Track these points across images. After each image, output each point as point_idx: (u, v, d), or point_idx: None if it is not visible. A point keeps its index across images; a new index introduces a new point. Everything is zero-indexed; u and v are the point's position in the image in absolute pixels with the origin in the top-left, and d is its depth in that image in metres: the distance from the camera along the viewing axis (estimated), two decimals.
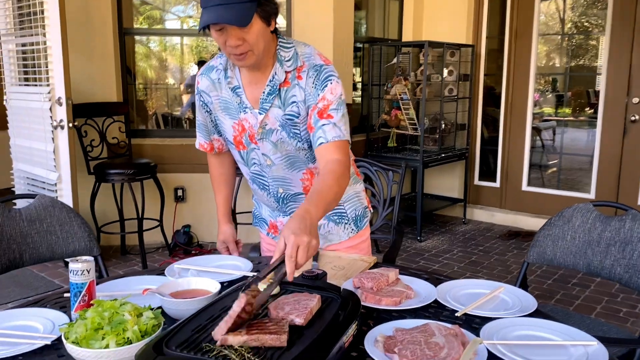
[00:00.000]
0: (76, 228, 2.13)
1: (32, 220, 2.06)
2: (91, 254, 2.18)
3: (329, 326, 1.16)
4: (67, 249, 2.11)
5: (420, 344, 1.17)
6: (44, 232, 2.08)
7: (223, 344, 1.06)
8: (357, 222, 1.86)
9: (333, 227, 1.84)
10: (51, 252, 2.08)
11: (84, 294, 1.30)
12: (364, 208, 1.89)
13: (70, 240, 2.12)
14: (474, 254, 4.46)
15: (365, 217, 1.89)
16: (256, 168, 1.76)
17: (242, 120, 1.67)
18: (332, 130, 1.57)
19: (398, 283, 1.55)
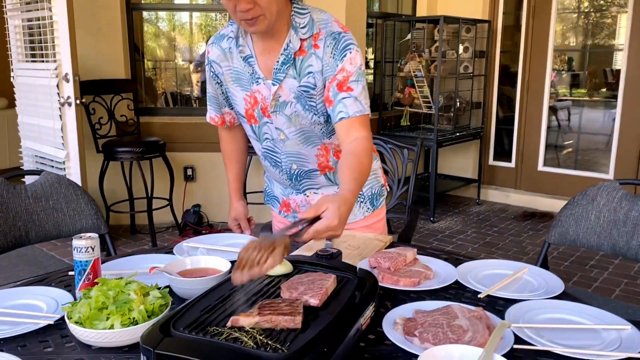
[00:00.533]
0: (83, 205, 2.08)
1: (37, 197, 2.01)
2: (99, 232, 2.13)
3: (345, 307, 1.09)
4: (74, 226, 2.06)
5: (443, 327, 1.11)
6: (50, 209, 2.03)
7: (234, 325, 1.00)
8: (373, 201, 1.79)
9: None
10: (58, 229, 2.03)
11: (89, 272, 1.24)
12: (381, 186, 1.82)
13: (77, 218, 2.07)
14: (488, 235, 4.38)
15: (382, 195, 1.82)
16: (269, 143, 1.68)
17: (255, 92, 1.59)
18: (354, 105, 1.49)
19: (416, 263, 1.48)
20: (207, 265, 1.36)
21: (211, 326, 0.99)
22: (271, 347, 0.93)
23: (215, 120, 1.80)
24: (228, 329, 0.99)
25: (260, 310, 1.02)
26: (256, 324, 0.99)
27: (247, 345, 0.93)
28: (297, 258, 1.33)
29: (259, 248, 1.07)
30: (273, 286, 1.18)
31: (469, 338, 1.06)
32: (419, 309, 1.21)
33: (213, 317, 1.03)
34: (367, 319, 1.13)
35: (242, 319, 1.00)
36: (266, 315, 1.00)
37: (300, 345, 0.93)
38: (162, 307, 1.12)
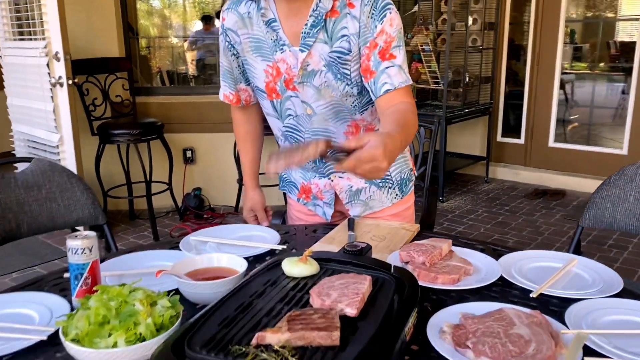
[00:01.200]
0: (79, 194, 1.91)
1: (29, 187, 1.84)
2: (96, 223, 1.97)
3: (386, 316, 0.93)
4: (69, 217, 1.89)
5: (500, 337, 0.95)
6: (43, 199, 1.86)
7: (260, 343, 0.84)
8: (402, 187, 1.62)
9: (375, 192, 1.60)
10: (52, 221, 1.87)
11: (86, 277, 1.08)
12: (410, 171, 1.65)
13: (72, 208, 1.90)
14: (500, 215, 4.23)
15: (411, 180, 1.66)
16: (291, 121, 1.51)
17: (278, 62, 1.41)
18: (398, 75, 1.34)
19: (453, 256, 1.33)
20: (220, 264, 1.20)
21: (233, 344, 0.84)
22: None
23: (229, 98, 1.62)
24: (253, 348, 0.83)
25: (291, 325, 0.86)
26: (286, 341, 0.84)
27: None
28: (323, 255, 1.17)
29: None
30: (299, 290, 1.02)
31: (534, 351, 0.91)
32: (466, 312, 1.06)
33: (234, 333, 0.87)
34: (410, 328, 0.97)
35: (270, 336, 0.84)
36: (298, 330, 0.85)
37: None
38: (173, 319, 0.96)
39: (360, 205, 1.60)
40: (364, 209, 1.61)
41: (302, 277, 1.08)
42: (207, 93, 3.84)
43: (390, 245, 1.44)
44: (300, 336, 0.84)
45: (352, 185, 1.58)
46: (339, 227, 1.57)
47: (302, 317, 0.89)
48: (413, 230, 1.55)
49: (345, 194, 1.59)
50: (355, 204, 1.60)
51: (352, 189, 1.59)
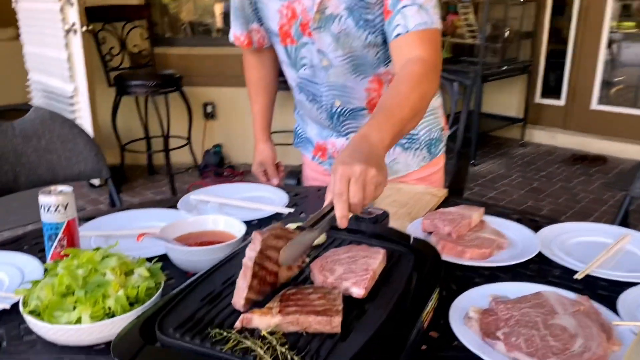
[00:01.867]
0: (81, 146, 1.79)
1: (27, 137, 1.73)
2: (99, 176, 1.85)
3: (401, 298, 0.78)
4: (70, 170, 1.78)
5: (538, 328, 0.79)
6: (42, 150, 1.74)
7: (245, 327, 0.70)
8: (431, 148, 1.44)
9: (400, 154, 1.42)
10: (52, 174, 1.76)
11: (61, 238, 0.95)
12: (440, 130, 1.46)
13: (74, 161, 1.78)
14: (534, 180, 4.00)
15: (441, 141, 1.47)
16: (307, 71, 1.33)
17: (294, 2, 1.23)
18: (417, 15, 1.12)
19: (484, 227, 1.16)
20: (216, 227, 1.06)
21: (213, 327, 0.70)
22: None
23: (240, 39, 1.44)
24: (236, 332, 0.69)
25: (283, 306, 0.71)
26: (277, 326, 0.69)
27: None
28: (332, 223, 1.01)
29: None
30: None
31: (581, 348, 0.74)
32: (498, 295, 0.90)
33: (217, 312, 0.73)
34: (430, 311, 0.82)
35: (257, 319, 0.70)
36: (291, 314, 0.70)
37: None
38: (151, 292, 0.82)
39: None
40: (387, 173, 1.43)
41: None
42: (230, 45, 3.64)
43: (412, 213, 1.27)
44: (294, 320, 0.69)
45: None
46: None
47: (298, 297, 0.74)
48: (440, 195, 1.37)
49: None
50: None
51: None
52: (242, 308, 0.70)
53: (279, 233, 0.75)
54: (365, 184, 0.81)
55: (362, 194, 0.80)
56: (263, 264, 0.72)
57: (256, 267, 0.71)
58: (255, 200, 1.32)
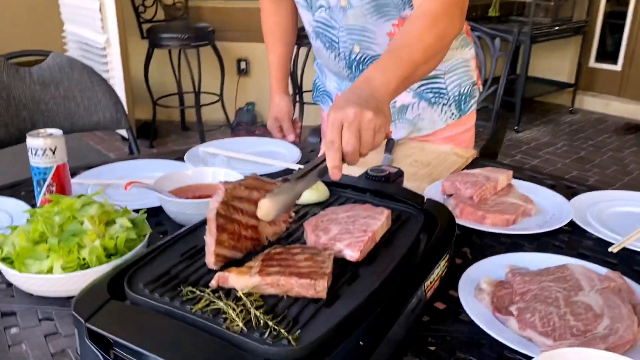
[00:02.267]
0: (100, 95, 1.75)
1: (45, 84, 1.69)
2: (119, 127, 1.81)
3: (401, 264, 0.69)
4: (89, 119, 1.75)
5: (558, 304, 0.69)
6: (60, 98, 1.71)
7: (221, 286, 0.63)
8: (461, 104, 1.32)
9: (425, 110, 1.30)
10: (70, 122, 1.73)
11: (50, 184, 0.90)
12: (472, 84, 1.33)
13: (92, 110, 1.75)
14: (582, 149, 3.77)
15: (473, 97, 1.34)
16: (323, 14, 1.22)
17: None
18: None
19: (511, 192, 1.05)
20: (215, 180, 0.99)
21: (186, 284, 0.63)
22: (270, 334, 0.56)
23: None
24: (210, 291, 0.62)
25: (264, 266, 0.64)
26: (255, 287, 0.62)
27: (231, 326, 0.56)
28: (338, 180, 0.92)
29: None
30: (296, 221, 0.79)
31: (606, 330, 0.64)
32: (516, 266, 0.80)
33: (194, 269, 0.67)
34: (435, 280, 0.73)
35: (234, 278, 0.63)
36: (272, 274, 0.62)
37: (320, 333, 0.55)
38: (132, 244, 0.76)
39: (406, 126, 1.32)
40: (411, 131, 1.33)
41: (303, 205, 0.85)
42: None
43: (433, 174, 1.17)
44: (274, 282, 0.62)
45: (395, 100, 1.30)
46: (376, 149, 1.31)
47: (283, 257, 0.66)
48: (467, 157, 1.26)
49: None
50: (399, 123, 1.32)
51: (396, 105, 1.30)
52: (214, 266, 0.63)
53: (253, 184, 0.67)
54: (361, 129, 0.72)
55: (356, 140, 0.71)
56: (232, 216, 0.65)
57: (221, 219, 0.64)
58: (267, 155, 1.24)
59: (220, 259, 0.62)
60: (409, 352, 0.66)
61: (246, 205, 0.65)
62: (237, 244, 0.63)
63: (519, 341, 0.66)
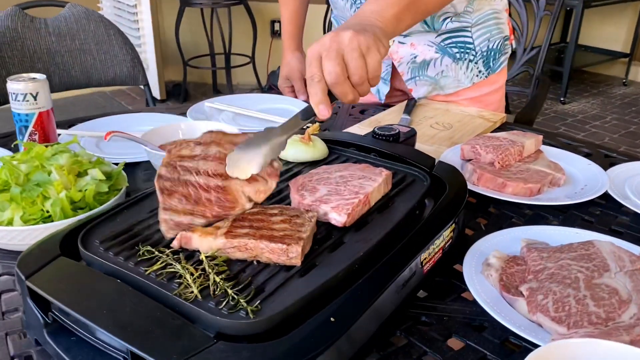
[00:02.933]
0: (117, 49, 1.69)
1: (61, 35, 1.65)
2: (136, 83, 1.76)
3: (395, 232, 0.60)
4: (105, 74, 1.70)
5: (577, 287, 0.59)
6: (76, 50, 1.66)
7: (183, 247, 0.56)
8: (490, 61, 1.19)
9: (450, 66, 1.18)
10: (86, 76, 1.68)
11: (32, 131, 0.85)
12: (504, 39, 1.20)
13: (109, 64, 1.70)
14: (632, 124, 3.53)
15: (504, 53, 1.21)
16: None
17: None
18: None
19: (539, 158, 0.93)
20: None
21: (144, 243, 0.56)
22: (228, 304, 0.48)
23: None
24: (170, 252, 0.55)
25: (233, 227, 0.56)
26: (220, 250, 0.54)
27: (184, 292, 0.49)
28: (339, 137, 0.83)
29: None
30: (285, 181, 0.71)
31: (632, 319, 0.54)
32: (534, 240, 0.70)
33: (158, 228, 0.59)
34: (436, 252, 0.64)
35: (197, 239, 0.55)
36: (239, 237, 0.54)
37: (284, 305, 0.48)
38: (104, 197, 0.70)
39: (428, 84, 1.21)
40: (432, 89, 1.21)
41: (297, 163, 0.77)
42: None
43: (454, 137, 1.06)
44: (241, 245, 0.54)
45: (416, 55, 1.18)
46: (394, 109, 1.20)
47: (257, 218, 0.58)
48: (494, 120, 1.15)
49: (406, 66, 1.20)
50: (420, 81, 1.21)
51: (416, 60, 1.19)
52: (167, 234, 0.55)
53: (210, 138, 0.59)
54: (343, 53, 0.62)
55: (340, 68, 0.61)
56: (182, 178, 0.57)
57: (167, 182, 0.56)
58: (277, 112, 1.16)
59: (171, 227, 0.54)
60: (397, 331, 0.57)
61: (202, 164, 0.57)
62: (196, 208, 0.55)
63: (527, 326, 0.56)
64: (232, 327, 0.46)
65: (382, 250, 0.58)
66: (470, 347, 0.56)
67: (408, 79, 1.21)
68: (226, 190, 0.58)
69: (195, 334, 0.45)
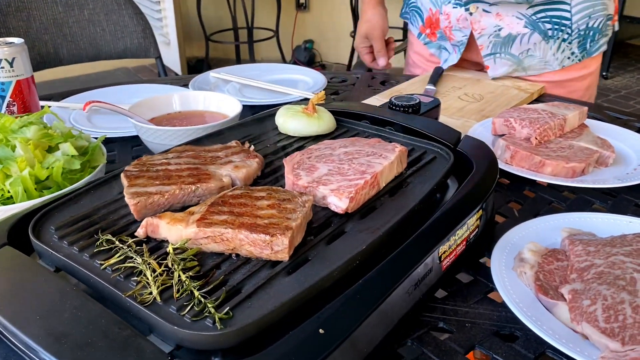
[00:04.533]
0: (127, 19, 1.61)
1: (69, 5, 1.57)
2: (147, 55, 1.68)
3: (407, 220, 0.50)
4: (115, 45, 1.62)
5: (634, 291, 0.48)
6: (84, 21, 1.58)
7: (150, 236, 0.47)
8: (587, 42, 1.04)
9: (539, 44, 1.03)
10: (96, 48, 1.61)
11: (10, 102, 0.76)
12: (607, 18, 1.05)
13: (119, 35, 1.61)
14: None
15: (605, 35, 1.06)
16: None
17: None
18: None
19: (584, 133, 0.81)
20: (208, 107, 0.82)
21: (106, 231, 0.47)
22: (193, 309, 0.39)
23: None
24: (133, 242, 0.46)
25: (209, 212, 0.46)
26: (191, 241, 0.45)
27: (142, 294, 0.40)
28: (347, 108, 0.73)
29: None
30: (281, 157, 0.61)
31: None
32: (579, 231, 0.58)
33: (125, 212, 0.50)
34: (458, 244, 0.53)
35: (165, 227, 0.46)
36: (214, 225, 0.45)
37: (262, 313, 0.38)
38: (77, 176, 0.61)
39: (509, 63, 1.06)
40: (513, 70, 1.06)
41: (299, 138, 0.67)
42: None
43: (485, 110, 0.94)
44: (217, 235, 0.45)
45: (501, 27, 1.03)
46: (418, 79, 1.09)
47: (240, 202, 0.48)
48: (532, 91, 1.02)
49: (487, 39, 1.05)
50: (501, 57, 1.06)
51: (501, 34, 1.04)
52: (135, 213, 0.46)
53: (186, 148, 0.49)
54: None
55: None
56: (154, 169, 0.47)
57: (136, 171, 0.47)
58: (287, 83, 1.05)
59: (139, 203, 0.45)
60: (408, 340, 0.47)
61: (174, 160, 0.48)
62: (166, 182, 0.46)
63: (570, 338, 0.45)
64: (193, 339, 0.37)
65: (391, 242, 0.47)
66: None
67: (487, 54, 1.06)
68: (200, 169, 0.48)
69: (144, 348, 0.36)
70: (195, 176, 0.50)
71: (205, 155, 0.56)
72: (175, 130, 0.72)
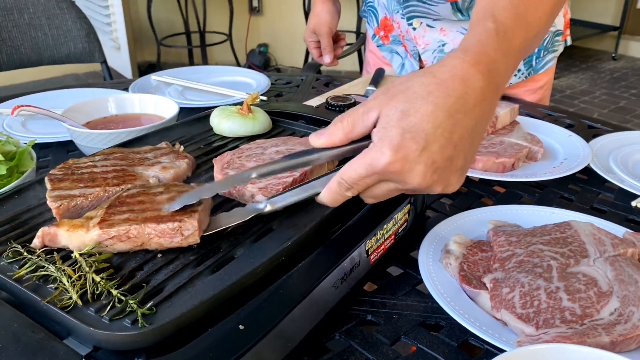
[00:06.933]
0: (70, 24, 1.57)
1: (8, 9, 1.52)
2: (92, 60, 1.64)
3: (335, 216, 0.51)
4: (58, 50, 1.58)
5: (550, 277, 0.50)
6: (25, 26, 1.54)
7: (47, 245, 0.45)
8: (533, 59, 1.04)
9: None
10: (37, 54, 1.56)
11: None
12: (554, 34, 1.04)
13: (62, 40, 1.58)
14: (622, 99, 3.44)
15: (551, 51, 1.05)
16: None
17: None
18: None
19: (515, 130, 0.84)
20: (144, 109, 0.81)
21: (20, 239, 0.46)
22: (112, 310, 0.38)
23: None
24: (42, 251, 0.45)
25: (109, 213, 0.46)
26: (97, 243, 0.44)
27: (61, 298, 0.39)
28: (283, 108, 0.73)
29: None
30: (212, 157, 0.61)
31: (613, 316, 0.45)
32: (504, 223, 0.60)
33: (48, 217, 0.49)
34: (386, 238, 0.54)
35: (64, 234, 0.45)
36: (117, 225, 0.44)
37: (181, 311, 0.38)
38: (3, 182, 0.60)
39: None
40: None
41: (234, 138, 0.67)
42: None
43: None
44: (123, 234, 0.44)
45: (444, 43, 1.03)
46: (360, 80, 1.10)
47: (138, 200, 0.48)
48: None
49: (431, 54, 1.05)
50: None
51: (444, 49, 1.03)
52: (39, 238, 0.45)
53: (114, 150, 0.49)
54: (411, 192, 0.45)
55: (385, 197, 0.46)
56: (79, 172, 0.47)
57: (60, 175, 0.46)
58: (229, 86, 1.05)
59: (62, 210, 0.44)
60: (336, 333, 0.48)
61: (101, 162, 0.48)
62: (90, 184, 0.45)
63: (490, 325, 0.47)
64: (110, 340, 0.36)
65: (318, 238, 0.48)
66: (421, 352, 0.47)
67: None
68: (126, 170, 0.48)
69: (58, 351, 0.35)
70: (120, 177, 0.50)
71: (134, 157, 0.55)
72: (109, 133, 0.71)
